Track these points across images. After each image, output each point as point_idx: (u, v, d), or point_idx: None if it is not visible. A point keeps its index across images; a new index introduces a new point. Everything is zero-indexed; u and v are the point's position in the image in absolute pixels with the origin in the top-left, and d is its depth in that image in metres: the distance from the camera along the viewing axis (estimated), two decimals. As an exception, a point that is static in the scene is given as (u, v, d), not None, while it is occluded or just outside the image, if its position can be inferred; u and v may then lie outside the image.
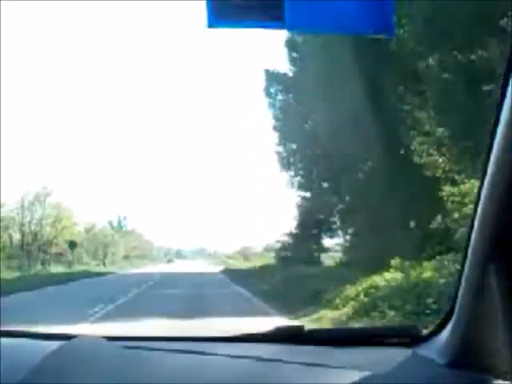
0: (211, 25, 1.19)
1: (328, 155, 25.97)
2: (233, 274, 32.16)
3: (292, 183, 29.85)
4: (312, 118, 26.46)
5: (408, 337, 1.41)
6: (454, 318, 1.17)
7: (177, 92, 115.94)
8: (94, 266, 51.71)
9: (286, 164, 29.24)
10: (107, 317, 11.64)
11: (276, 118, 28.77)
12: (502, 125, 0.91)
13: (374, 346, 1.42)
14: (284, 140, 28.77)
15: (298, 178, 29.76)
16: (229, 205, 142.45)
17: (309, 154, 27.47)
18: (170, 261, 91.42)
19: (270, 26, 1.23)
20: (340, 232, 34.86)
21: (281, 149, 29.40)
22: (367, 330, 1.79)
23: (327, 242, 44.20)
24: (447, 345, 1.19)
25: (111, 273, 40.29)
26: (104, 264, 59.85)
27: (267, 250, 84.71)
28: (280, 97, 28.38)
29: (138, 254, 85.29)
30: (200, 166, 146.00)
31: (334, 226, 44.31)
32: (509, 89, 0.89)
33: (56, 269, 39.62)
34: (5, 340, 1.33)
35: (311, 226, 41.72)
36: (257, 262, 65.45)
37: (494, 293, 0.99)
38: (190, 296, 17.34)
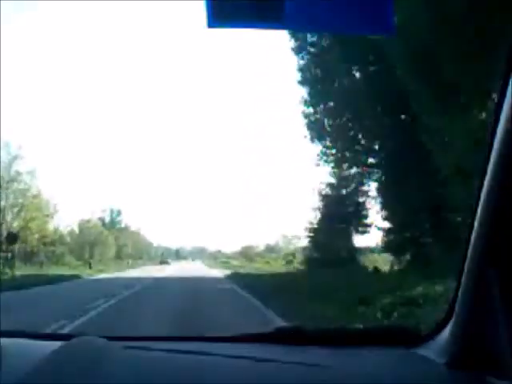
0: (211, 25, 1.18)
1: (383, 115, 17.97)
2: (249, 285, 19.21)
3: (326, 157, 21.86)
4: (358, 62, 18.64)
5: (408, 337, 1.41)
6: (453, 318, 1.18)
7: (177, 88, 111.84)
8: (73, 268, 43.85)
9: (317, 130, 21.34)
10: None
11: (305, 68, 20.89)
12: (502, 125, 0.91)
13: (374, 345, 1.40)
14: (315, 97, 20.89)
15: (334, 151, 21.81)
16: (230, 203, 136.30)
17: (352, 116, 19.62)
18: (163, 262, 74.15)
19: (269, 26, 1.22)
20: (386, 227, 26.95)
21: (310, 110, 21.52)
22: (367, 330, 1.63)
23: (358, 239, 35.82)
24: (447, 345, 1.19)
25: (74, 277, 28.98)
26: (90, 265, 52.10)
27: (269, 249, 77.76)
28: (312, 38, 20.46)
29: (132, 253, 77.52)
30: (200, 163, 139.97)
31: (366, 221, 35.59)
32: (509, 89, 0.90)
33: (16, 271, 31.27)
34: (5, 340, 1.31)
35: (338, 220, 33.38)
36: (263, 264, 57.47)
37: (493, 293, 0.99)
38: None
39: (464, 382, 1.13)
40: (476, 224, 1.02)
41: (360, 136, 20.08)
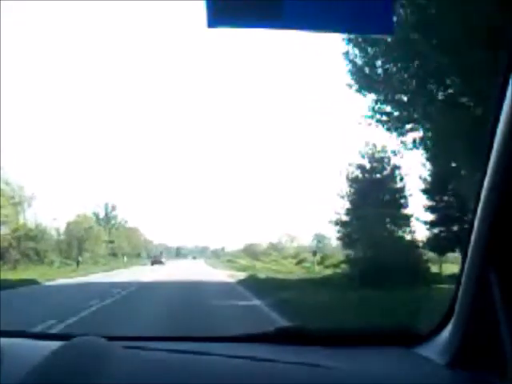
0: (211, 25, 1.18)
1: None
2: (283, 302, 11.71)
3: (380, 114, 15.60)
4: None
5: (408, 337, 1.40)
6: (453, 318, 1.17)
7: (178, 88, 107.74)
8: (57, 267, 38.02)
9: (366, 78, 15.27)
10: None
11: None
12: (502, 125, 0.91)
13: (374, 345, 1.40)
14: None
15: (390, 107, 15.62)
16: (231, 200, 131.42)
17: (420, 53, 13.58)
18: (156, 262, 57.44)
19: (269, 25, 1.20)
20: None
21: (356, 51, 15.51)
22: (367, 330, 1.62)
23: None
24: (447, 345, 1.19)
25: (25, 283, 21.05)
26: (78, 263, 46.38)
27: (271, 248, 73.58)
28: None
29: (129, 250, 71.70)
30: (200, 161, 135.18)
31: (406, 212, 29.35)
32: (509, 89, 0.90)
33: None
34: (5, 340, 1.31)
35: (372, 210, 27.06)
36: (271, 263, 51.64)
37: (493, 292, 0.99)
38: None
39: (464, 382, 1.13)
40: (476, 224, 1.03)
41: (433, 86, 14.05)
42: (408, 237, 23.01)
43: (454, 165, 17.65)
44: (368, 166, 27.18)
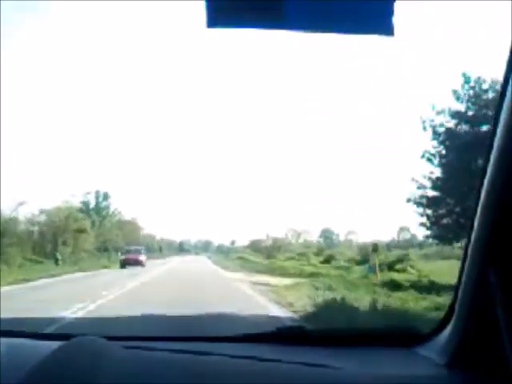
0: (210, 25, 1.19)
1: None
2: None
3: None
4: None
5: (408, 337, 1.41)
6: (454, 318, 1.18)
7: (178, 83, 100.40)
8: (19, 267, 28.94)
9: None
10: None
11: None
12: (502, 125, 0.91)
13: (374, 345, 1.41)
14: None
15: None
16: (235, 193, 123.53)
17: None
18: (127, 262, 34.25)
19: (268, 26, 1.21)
20: None
21: None
22: (367, 330, 1.66)
23: None
24: (447, 344, 1.19)
25: None
26: (56, 261, 37.12)
27: (279, 243, 64.95)
28: None
29: (124, 245, 62.43)
30: (204, 154, 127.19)
31: None
32: (509, 89, 0.90)
33: None
34: (5, 340, 1.32)
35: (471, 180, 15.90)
36: (290, 262, 40.90)
37: (493, 292, 0.99)
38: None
39: (464, 382, 1.13)
40: (476, 224, 1.03)
41: None
42: None
43: None
44: (469, 113, 17.73)
